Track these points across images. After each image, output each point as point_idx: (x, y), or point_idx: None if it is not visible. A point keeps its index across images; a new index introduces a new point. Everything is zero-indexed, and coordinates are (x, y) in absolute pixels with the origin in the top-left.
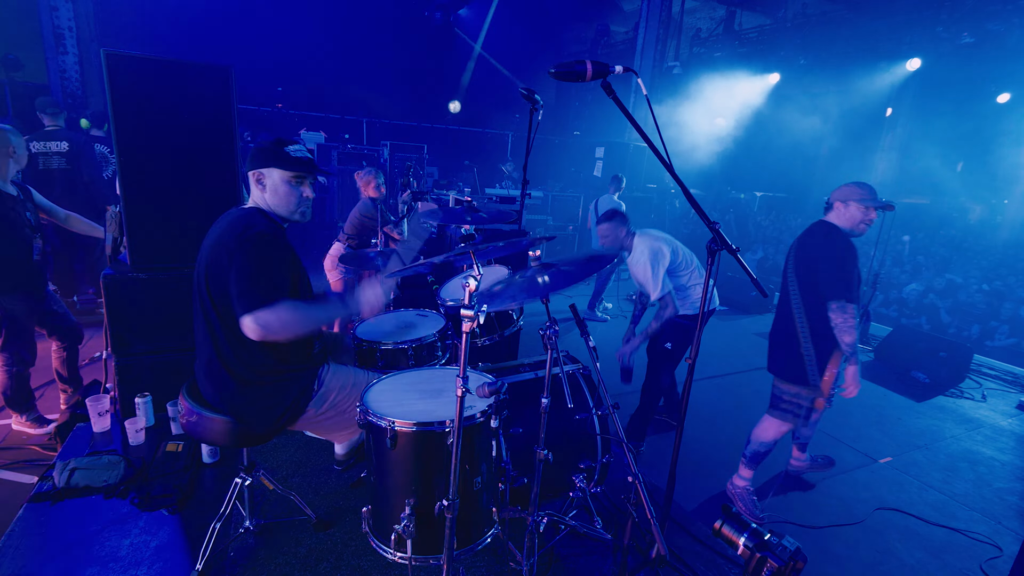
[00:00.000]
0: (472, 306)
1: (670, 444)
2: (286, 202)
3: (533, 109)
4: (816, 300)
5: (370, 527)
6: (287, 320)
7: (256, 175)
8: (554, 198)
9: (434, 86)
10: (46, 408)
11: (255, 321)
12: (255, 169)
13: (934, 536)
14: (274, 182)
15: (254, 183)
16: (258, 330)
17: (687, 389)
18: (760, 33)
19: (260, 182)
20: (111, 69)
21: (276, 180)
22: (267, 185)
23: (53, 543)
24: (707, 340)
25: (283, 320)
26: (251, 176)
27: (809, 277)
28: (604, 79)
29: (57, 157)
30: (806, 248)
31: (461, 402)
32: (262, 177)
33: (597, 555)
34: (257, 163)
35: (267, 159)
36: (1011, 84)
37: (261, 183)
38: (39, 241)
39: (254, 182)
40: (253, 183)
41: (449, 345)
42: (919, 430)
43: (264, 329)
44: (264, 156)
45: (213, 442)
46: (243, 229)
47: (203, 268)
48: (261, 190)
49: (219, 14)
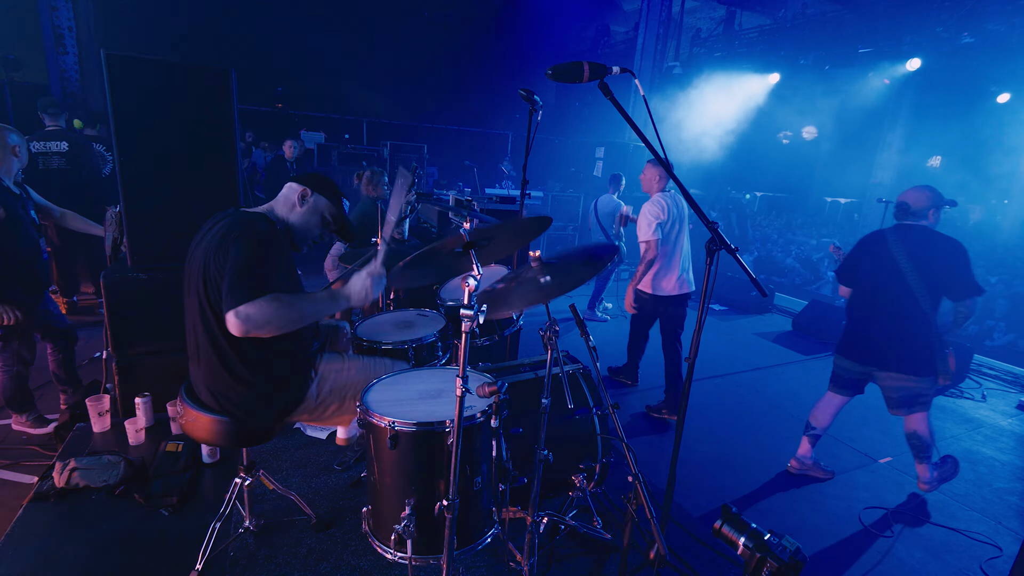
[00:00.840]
0: (472, 306)
1: (670, 444)
2: (308, 229)
3: (533, 110)
4: (937, 299)
5: (370, 527)
6: (270, 314)
7: (304, 191)
8: (554, 198)
9: (434, 86)
10: (46, 408)
11: (236, 316)
12: (308, 187)
13: (934, 536)
14: (314, 207)
15: (296, 196)
16: (239, 325)
17: (687, 389)
18: (760, 33)
19: (304, 198)
20: (111, 70)
21: (317, 207)
22: (308, 204)
23: (53, 543)
24: (707, 340)
25: (266, 314)
26: (297, 189)
27: (941, 280)
28: (601, 80)
29: (57, 157)
30: (935, 254)
31: (461, 402)
32: (308, 195)
33: (597, 555)
34: (314, 184)
35: (326, 190)
36: (1011, 84)
37: (304, 199)
38: (43, 240)
39: (297, 195)
40: (295, 195)
41: (449, 345)
42: None
43: (245, 323)
44: (326, 186)
45: (212, 443)
46: (244, 227)
47: (199, 268)
48: (299, 204)
49: (219, 14)
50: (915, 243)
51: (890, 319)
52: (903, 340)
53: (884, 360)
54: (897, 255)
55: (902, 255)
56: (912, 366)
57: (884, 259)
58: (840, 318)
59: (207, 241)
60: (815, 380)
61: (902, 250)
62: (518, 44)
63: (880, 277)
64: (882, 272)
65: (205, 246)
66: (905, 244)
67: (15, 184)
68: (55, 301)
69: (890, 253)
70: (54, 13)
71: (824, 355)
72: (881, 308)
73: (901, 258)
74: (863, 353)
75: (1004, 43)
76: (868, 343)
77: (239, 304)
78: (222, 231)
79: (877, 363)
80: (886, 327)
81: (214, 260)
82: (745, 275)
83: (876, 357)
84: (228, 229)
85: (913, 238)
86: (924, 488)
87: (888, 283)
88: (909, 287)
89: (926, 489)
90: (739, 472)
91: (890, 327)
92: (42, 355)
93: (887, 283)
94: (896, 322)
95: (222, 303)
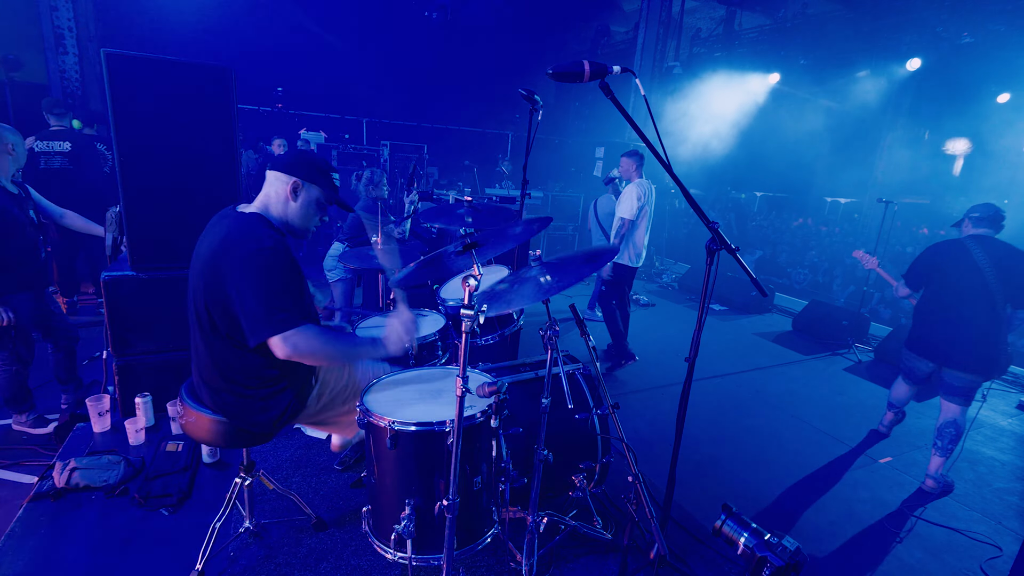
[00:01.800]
0: (472, 306)
1: (670, 444)
2: (308, 219)
3: (533, 109)
4: (1005, 306)
5: (370, 527)
6: (316, 347)
7: (294, 184)
8: (554, 198)
9: (434, 86)
10: (46, 408)
11: (284, 342)
12: (297, 177)
13: (934, 536)
14: (309, 198)
15: (287, 190)
16: (287, 351)
17: (687, 389)
18: (760, 33)
19: (296, 192)
20: (111, 69)
21: (312, 197)
22: (301, 197)
23: (53, 543)
24: (707, 340)
25: (312, 345)
26: (286, 181)
27: (1018, 288)
28: (602, 80)
29: (59, 157)
30: (1017, 264)
31: (461, 402)
32: (299, 187)
33: (597, 555)
34: (302, 173)
35: (315, 175)
36: (1011, 84)
37: (296, 193)
38: (42, 239)
39: (288, 189)
40: (285, 188)
41: (449, 344)
42: (919, 430)
43: (294, 350)
44: (314, 170)
45: (212, 443)
46: (253, 245)
47: (199, 275)
48: (292, 199)
49: (219, 14)
50: (1000, 253)
51: (967, 322)
52: (977, 342)
53: (958, 359)
54: (981, 264)
55: (986, 264)
56: (980, 366)
57: (967, 266)
58: (840, 318)
59: (206, 247)
60: (815, 380)
61: (986, 259)
62: (518, 44)
63: (962, 283)
64: (964, 278)
65: (204, 253)
66: (989, 254)
67: (14, 183)
68: (56, 301)
69: (974, 261)
70: (54, 13)
71: (824, 355)
72: (959, 311)
73: (985, 267)
74: (936, 353)
75: (1004, 43)
76: (942, 344)
77: (287, 329)
78: (220, 239)
79: (949, 362)
80: (963, 329)
81: (213, 271)
82: (745, 275)
83: (948, 356)
84: (231, 241)
85: (998, 249)
86: (930, 485)
87: (969, 289)
88: (991, 294)
89: (931, 486)
90: (739, 472)
91: (967, 330)
92: (42, 355)
93: (968, 289)
94: (973, 325)
95: (258, 325)
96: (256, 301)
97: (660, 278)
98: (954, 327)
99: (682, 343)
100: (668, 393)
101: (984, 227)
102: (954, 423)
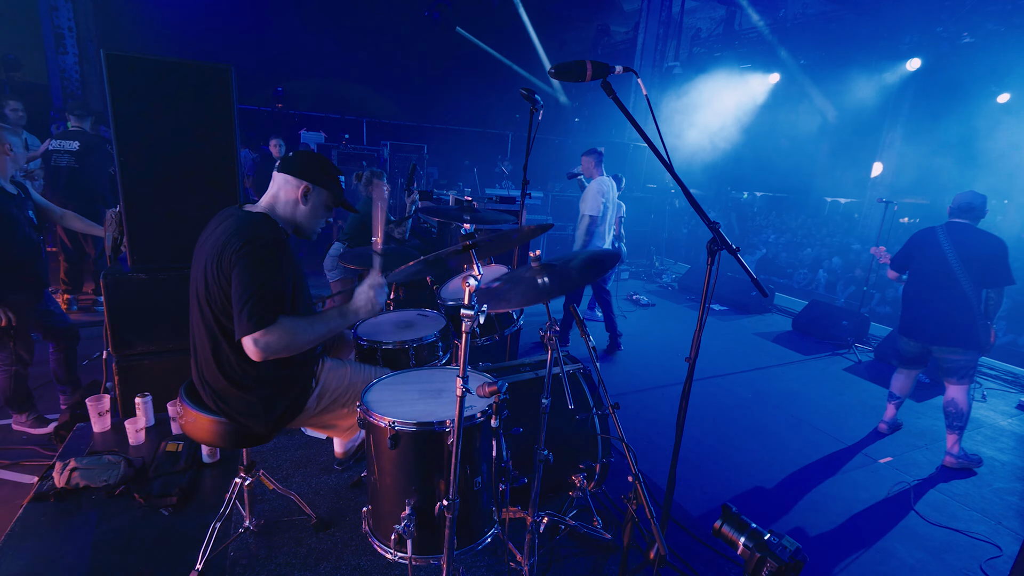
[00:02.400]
0: (472, 306)
1: (670, 444)
2: (314, 222)
3: (533, 109)
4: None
5: (370, 527)
6: (287, 340)
7: (305, 188)
8: (554, 198)
9: (434, 86)
10: (46, 408)
11: (255, 344)
12: (308, 182)
13: (934, 536)
14: (318, 202)
15: (298, 194)
16: (258, 351)
17: (687, 389)
18: (760, 33)
19: (306, 196)
20: (111, 69)
21: (321, 201)
22: (311, 201)
23: (53, 543)
24: (707, 340)
25: (283, 340)
26: (297, 185)
27: (985, 270)
28: (604, 79)
29: (67, 155)
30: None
31: (461, 402)
32: (310, 192)
33: (597, 555)
34: (313, 177)
35: (325, 179)
36: (1011, 84)
37: (307, 197)
38: (42, 240)
39: (299, 193)
40: (295, 192)
41: (450, 345)
42: (919, 430)
43: (264, 350)
44: (323, 174)
45: (212, 443)
46: (250, 236)
47: (202, 272)
48: (302, 202)
49: (219, 14)
50: (965, 240)
51: (938, 302)
52: (953, 319)
53: (939, 336)
54: (946, 249)
55: (951, 250)
56: (957, 339)
57: (934, 252)
58: (840, 318)
59: (210, 243)
60: (815, 380)
61: (951, 246)
62: (518, 44)
63: (930, 267)
64: (931, 263)
65: (208, 249)
66: (955, 241)
67: (13, 183)
68: (56, 301)
69: (940, 248)
70: (54, 13)
71: (824, 355)
72: (934, 293)
73: (950, 252)
74: (916, 331)
75: (1004, 43)
76: (925, 323)
77: (256, 331)
78: (225, 236)
79: (933, 339)
80: (938, 309)
81: (216, 267)
82: (746, 275)
83: (931, 334)
84: (231, 236)
85: (966, 236)
86: (950, 462)
87: (939, 273)
88: (956, 277)
89: (952, 463)
90: (739, 472)
91: (939, 309)
92: (42, 355)
93: (937, 273)
94: (944, 305)
95: (235, 324)
96: (239, 296)
97: (660, 278)
98: (928, 307)
99: (682, 343)
100: (668, 393)
101: (960, 216)
102: (953, 402)
